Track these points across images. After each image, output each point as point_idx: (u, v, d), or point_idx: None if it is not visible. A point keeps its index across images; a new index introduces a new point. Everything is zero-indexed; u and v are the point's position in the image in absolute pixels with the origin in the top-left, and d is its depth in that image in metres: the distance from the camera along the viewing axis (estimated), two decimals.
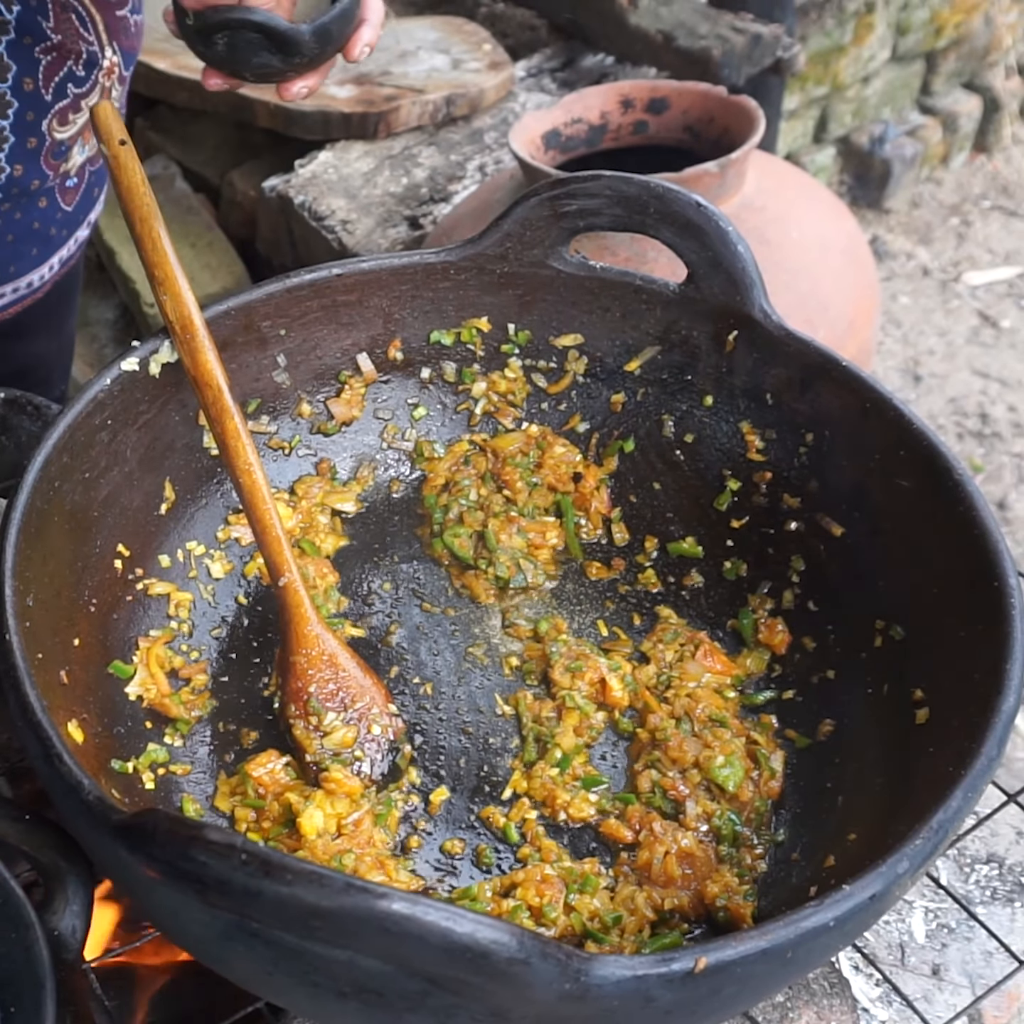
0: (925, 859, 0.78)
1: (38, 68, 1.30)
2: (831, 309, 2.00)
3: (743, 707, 1.13)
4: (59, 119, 1.36)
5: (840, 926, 0.75)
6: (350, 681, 1.10)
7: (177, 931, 0.81)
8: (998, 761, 0.83)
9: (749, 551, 1.20)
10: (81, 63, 1.35)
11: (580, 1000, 0.69)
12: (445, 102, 2.72)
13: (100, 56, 1.37)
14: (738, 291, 1.15)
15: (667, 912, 0.98)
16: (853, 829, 0.96)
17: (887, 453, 1.08)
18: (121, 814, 0.74)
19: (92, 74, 1.37)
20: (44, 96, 1.33)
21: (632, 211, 1.15)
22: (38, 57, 1.30)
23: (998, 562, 0.94)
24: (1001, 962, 1.25)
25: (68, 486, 1.02)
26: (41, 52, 1.30)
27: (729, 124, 2.05)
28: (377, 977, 0.68)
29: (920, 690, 0.99)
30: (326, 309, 1.21)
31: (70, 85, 1.35)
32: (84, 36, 1.34)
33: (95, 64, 1.37)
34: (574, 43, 3.00)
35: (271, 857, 0.63)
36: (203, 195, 2.98)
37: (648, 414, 1.25)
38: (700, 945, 0.72)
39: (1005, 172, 4.14)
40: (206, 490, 1.18)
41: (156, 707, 1.07)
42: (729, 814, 1.03)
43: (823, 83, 3.69)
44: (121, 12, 1.39)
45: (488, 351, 1.27)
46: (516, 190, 2.10)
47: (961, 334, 3.53)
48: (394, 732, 1.10)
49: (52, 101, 1.34)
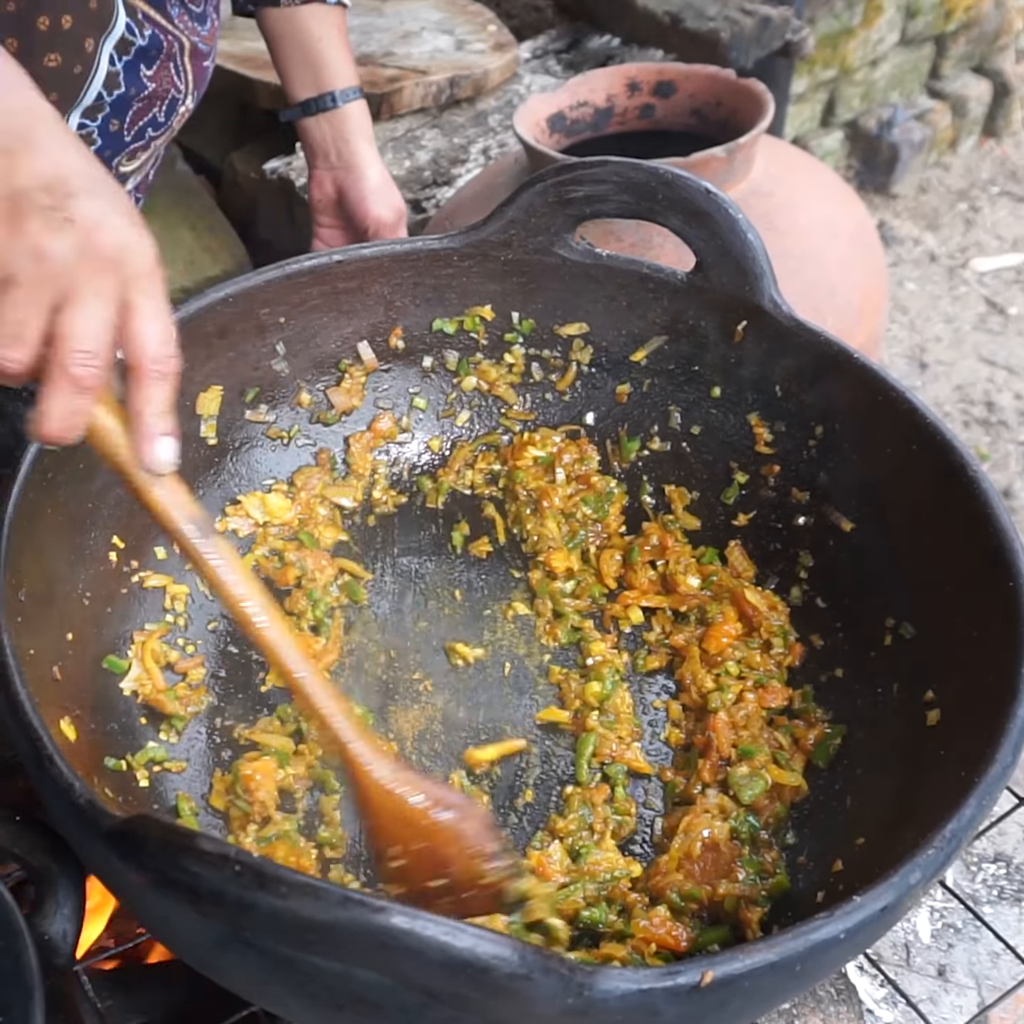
0: (938, 869, 0.76)
1: (127, 112, 1.31)
2: (839, 296, 1.97)
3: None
4: (129, 156, 1.36)
5: (850, 938, 0.73)
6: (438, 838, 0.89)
7: (169, 937, 0.80)
8: (1013, 767, 0.81)
9: (757, 546, 1.18)
10: (163, 108, 1.35)
11: (583, 1015, 0.67)
12: (449, 84, 2.68)
13: (181, 103, 1.38)
14: (747, 280, 1.13)
15: (682, 903, 0.96)
16: (862, 833, 0.94)
17: (899, 447, 1.06)
18: (113, 819, 0.72)
19: (170, 120, 1.37)
20: (125, 137, 1.33)
21: (640, 198, 1.13)
22: (131, 103, 1.30)
23: (1013, 561, 0.92)
24: (1008, 963, 1.23)
25: (61, 477, 1.00)
26: (136, 99, 1.31)
27: (737, 108, 2.01)
28: (375, 990, 0.66)
29: (931, 691, 0.97)
30: (326, 296, 1.19)
31: (149, 129, 1.35)
32: (176, 85, 1.34)
33: (174, 111, 1.37)
34: (580, 24, 2.96)
35: (265, 869, 0.61)
36: (204, 177, 2.95)
37: (654, 405, 1.23)
38: (707, 958, 0.70)
39: (1014, 157, 4.10)
40: (203, 481, 1.16)
41: (151, 703, 1.05)
42: (748, 816, 1.01)
43: (831, 66, 3.65)
44: (207, 63, 1.40)
45: (491, 340, 1.25)
46: (520, 174, 2.07)
47: (968, 321, 3.50)
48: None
49: (130, 142, 1.35)
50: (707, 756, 1.05)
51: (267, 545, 1.18)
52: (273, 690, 1.12)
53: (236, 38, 2.79)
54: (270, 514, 1.19)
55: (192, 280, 2.72)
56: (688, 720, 1.11)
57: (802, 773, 1.04)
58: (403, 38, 2.82)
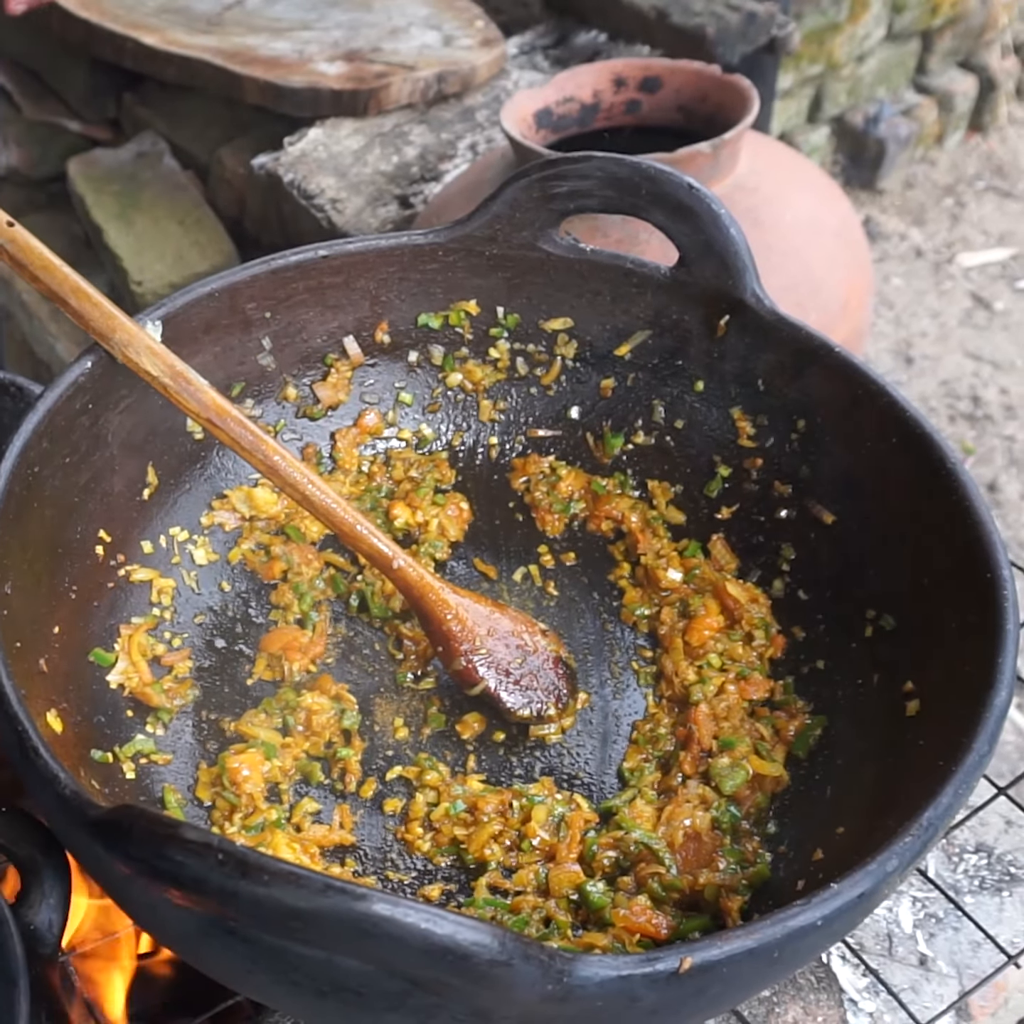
0: (915, 857, 0.77)
1: None
2: (824, 292, 1.98)
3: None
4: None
5: (828, 925, 0.74)
6: (500, 618, 1.14)
7: (155, 927, 0.80)
8: (989, 756, 0.82)
9: (739, 539, 1.19)
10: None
11: (563, 1001, 0.68)
12: (436, 79, 2.68)
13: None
14: (730, 275, 1.13)
15: (663, 892, 0.96)
16: (841, 822, 0.95)
17: (879, 440, 1.07)
18: (98, 809, 0.73)
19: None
20: None
21: (624, 193, 1.13)
22: None
23: (991, 553, 0.93)
24: (989, 952, 1.24)
25: (48, 471, 1.01)
26: None
27: (723, 103, 2.02)
28: (357, 977, 0.67)
29: (911, 681, 0.98)
30: (312, 291, 1.19)
31: None
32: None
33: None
34: (567, 20, 2.96)
35: (248, 857, 0.62)
36: (192, 172, 2.94)
37: (638, 399, 1.24)
38: (685, 944, 0.71)
39: (1000, 152, 4.11)
40: (190, 475, 1.17)
41: (138, 695, 1.06)
42: (729, 806, 1.01)
43: (818, 62, 3.66)
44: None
45: (477, 335, 1.25)
46: (507, 169, 2.08)
47: (954, 316, 3.51)
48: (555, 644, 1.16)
49: None
50: (688, 748, 1.06)
51: (253, 539, 1.19)
52: (259, 683, 1.13)
53: (224, 34, 2.79)
54: (256, 508, 1.19)
55: (180, 275, 2.72)
56: (670, 712, 1.12)
57: (783, 764, 1.05)
58: (391, 34, 2.82)
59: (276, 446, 1.06)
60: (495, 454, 1.28)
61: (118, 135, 3.12)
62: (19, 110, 3.13)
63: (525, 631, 1.14)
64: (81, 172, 2.92)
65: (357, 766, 1.08)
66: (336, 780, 1.08)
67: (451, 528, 1.24)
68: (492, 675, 1.11)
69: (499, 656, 1.12)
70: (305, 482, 1.07)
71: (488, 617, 1.13)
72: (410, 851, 1.03)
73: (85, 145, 3.10)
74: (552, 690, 1.12)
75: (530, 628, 1.15)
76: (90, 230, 2.87)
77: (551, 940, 0.93)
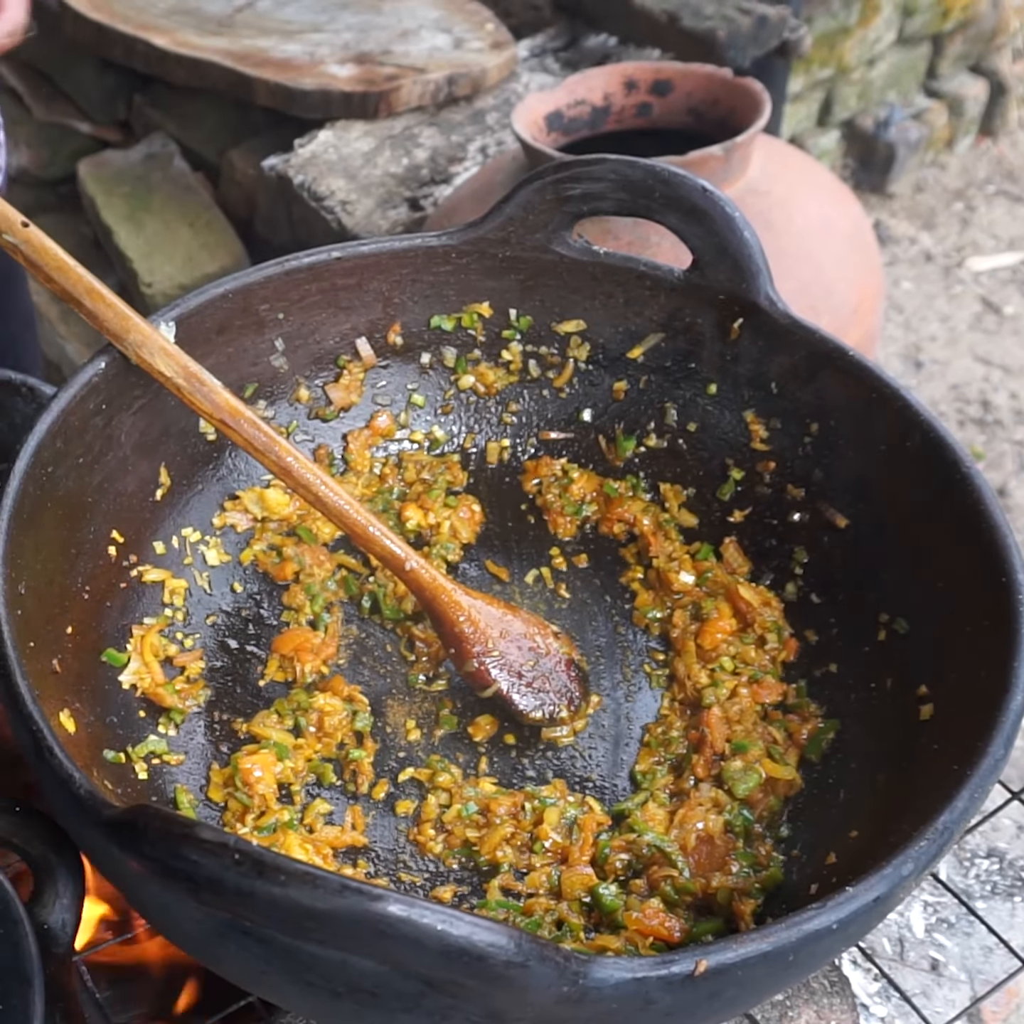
0: (930, 861, 0.77)
1: None
2: (835, 295, 1.98)
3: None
4: None
5: (843, 929, 0.73)
6: (513, 621, 1.14)
7: (169, 927, 0.80)
8: (1005, 761, 0.82)
9: (752, 542, 1.19)
10: None
11: (578, 1003, 0.68)
12: (447, 82, 2.69)
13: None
14: (744, 278, 1.13)
15: (676, 896, 0.96)
16: (855, 826, 0.94)
17: (893, 444, 1.07)
18: (113, 809, 0.73)
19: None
20: None
21: (637, 196, 1.13)
22: None
23: (1007, 557, 0.93)
24: (1001, 957, 1.24)
25: (61, 472, 1.01)
26: None
27: (734, 107, 2.02)
28: (372, 978, 0.67)
29: (925, 686, 0.98)
30: (325, 293, 1.19)
31: None
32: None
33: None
34: (577, 23, 2.97)
35: (264, 857, 0.62)
36: (202, 174, 2.95)
37: (651, 402, 1.24)
38: (700, 947, 0.71)
39: (1011, 157, 4.11)
40: (202, 476, 1.17)
41: (150, 696, 1.06)
42: (742, 810, 1.01)
43: (828, 65, 3.66)
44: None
45: (489, 337, 1.25)
46: (518, 172, 2.08)
47: (964, 320, 3.51)
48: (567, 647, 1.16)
49: None
50: (701, 751, 1.06)
51: (265, 540, 1.19)
52: (271, 684, 1.13)
53: (235, 36, 2.80)
54: (268, 509, 1.19)
55: (190, 277, 2.72)
56: (682, 715, 1.12)
57: (796, 767, 1.05)
58: (401, 36, 2.82)
59: (289, 447, 1.06)
60: (507, 456, 1.28)
61: (128, 137, 3.13)
62: (30, 111, 3.14)
63: (537, 633, 1.14)
64: (91, 173, 2.93)
65: (369, 768, 1.08)
66: (348, 781, 1.08)
67: (463, 530, 1.24)
68: (504, 677, 1.11)
69: (511, 658, 1.12)
70: (318, 483, 1.07)
71: (500, 619, 1.13)
72: (422, 853, 1.03)
73: (95, 146, 3.11)
74: (564, 692, 1.12)
75: (542, 630, 1.15)
76: (100, 231, 2.88)
77: (564, 943, 0.93)
